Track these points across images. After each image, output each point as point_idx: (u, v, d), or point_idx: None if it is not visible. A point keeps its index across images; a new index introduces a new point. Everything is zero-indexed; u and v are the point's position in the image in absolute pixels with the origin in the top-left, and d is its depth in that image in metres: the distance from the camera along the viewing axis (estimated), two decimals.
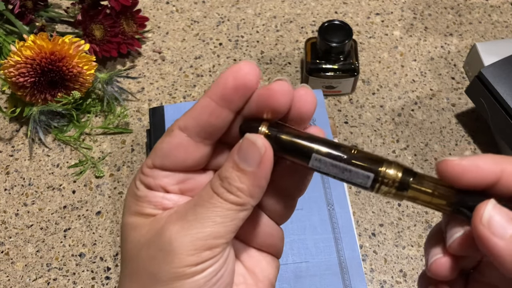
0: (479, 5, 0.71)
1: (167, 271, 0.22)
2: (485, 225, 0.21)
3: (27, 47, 0.52)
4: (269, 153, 0.23)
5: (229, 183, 0.22)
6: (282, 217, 0.27)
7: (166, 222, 0.23)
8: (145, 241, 0.23)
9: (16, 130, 0.59)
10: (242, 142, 0.23)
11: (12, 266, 0.50)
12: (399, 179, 0.23)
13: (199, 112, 0.23)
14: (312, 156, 0.23)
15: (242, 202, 0.23)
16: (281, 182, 0.26)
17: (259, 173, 0.23)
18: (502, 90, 0.53)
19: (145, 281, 0.23)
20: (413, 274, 0.50)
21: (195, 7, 0.71)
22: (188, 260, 0.22)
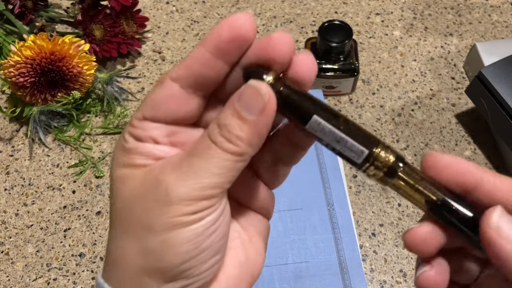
0: (479, 5, 0.71)
1: (163, 221, 0.21)
2: (493, 229, 0.21)
3: (27, 47, 0.52)
4: (272, 102, 0.22)
5: (229, 131, 0.21)
6: (274, 182, 0.27)
7: (160, 172, 0.22)
8: (138, 194, 0.23)
9: (16, 130, 0.59)
10: (245, 88, 0.22)
11: (12, 266, 0.50)
12: (389, 164, 0.22)
13: (193, 62, 0.22)
14: (312, 117, 0.22)
15: (241, 152, 0.22)
16: (277, 151, 0.26)
17: (260, 121, 0.21)
18: (502, 90, 0.53)
19: (139, 234, 0.22)
20: (413, 274, 0.50)
21: (195, 7, 0.71)
22: (186, 210, 0.21)
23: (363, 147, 0.22)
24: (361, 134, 0.23)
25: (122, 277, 0.23)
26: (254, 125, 0.21)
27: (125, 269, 0.23)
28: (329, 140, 0.22)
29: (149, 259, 0.22)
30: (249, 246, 0.26)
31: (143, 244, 0.22)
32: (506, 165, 0.57)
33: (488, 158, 0.58)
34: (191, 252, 0.21)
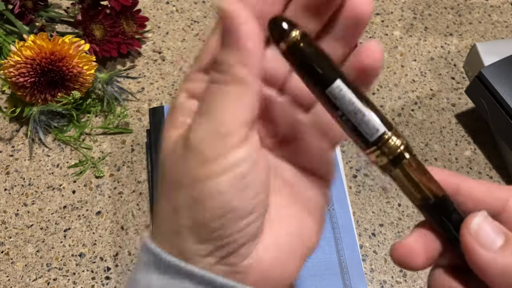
0: (479, 5, 0.71)
1: (188, 173, 0.21)
2: (472, 235, 0.20)
3: (27, 47, 0.52)
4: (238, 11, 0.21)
5: (221, 64, 0.21)
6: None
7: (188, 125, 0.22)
8: (169, 151, 0.23)
9: (16, 130, 0.59)
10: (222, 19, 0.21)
11: (12, 266, 0.50)
12: (397, 152, 0.21)
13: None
14: (336, 81, 0.21)
15: (237, 78, 0.21)
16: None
17: (237, 36, 0.21)
18: (502, 90, 0.53)
19: (171, 191, 0.22)
20: (413, 274, 0.50)
21: (195, 7, 0.71)
22: (206, 158, 0.20)
23: (379, 125, 0.21)
24: (378, 112, 0.22)
25: (160, 237, 0.23)
26: (235, 43, 0.21)
27: (162, 229, 0.23)
28: (346, 110, 0.21)
29: (179, 218, 0.21)
30: (305, 218, 0.24)
31: (173, 202, 0.22)
32: (506, 165, 0.57)
33: (488, 158, 0.58)
34: (219, 209, 0.21)
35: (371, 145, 0.21)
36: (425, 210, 0.22)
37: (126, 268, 0.50)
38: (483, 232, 0.20)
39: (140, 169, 0.56)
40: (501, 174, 0.57)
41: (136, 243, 0.52)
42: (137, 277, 0.23)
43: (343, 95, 0.21)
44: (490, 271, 0.20)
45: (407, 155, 0.22)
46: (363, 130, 0.21)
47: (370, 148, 0.22)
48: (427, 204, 0.22)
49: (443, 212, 0.22)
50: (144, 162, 0.56)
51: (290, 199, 0.24)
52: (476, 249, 0.20)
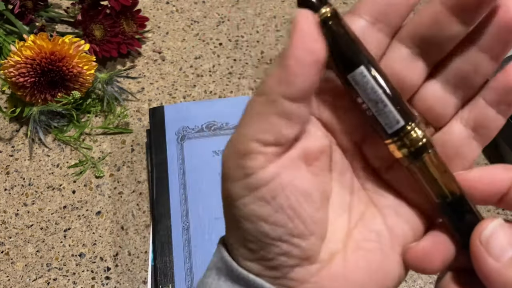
0: None
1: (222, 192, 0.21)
2: (482, 243, 0.20)
3: (27, 47, 0.52)
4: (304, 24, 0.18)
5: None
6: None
7: None
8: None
9: (16, 130, 0.59)
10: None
11: (12, 266, 0.50)
12: (419, 145, 0.21)
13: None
14: (359, 67, 0.20)
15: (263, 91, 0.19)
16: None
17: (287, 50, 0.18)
18: None
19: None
20: (413, 274, 0.50)
21: (195, 7, 0.71)
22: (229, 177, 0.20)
23: (400, 117, 0.20)
24: (403, 103, 0.21)
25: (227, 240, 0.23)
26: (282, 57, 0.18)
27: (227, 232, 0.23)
28: (367, 98, 0.20)
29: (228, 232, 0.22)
30: (389, 256, 0.22)
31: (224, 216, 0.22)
32: None
33: (488, 158, 0.58)
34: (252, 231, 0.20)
35: (392, 136, 0.21)
36: (441, 209, 0.22)
37: (126, 268, 0.50)
38: (494, 240, 0.19)
39: (140, 169, 0.56)
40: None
41: (136, 243, 0.52)
42: (208, 281, 0.23)
43: (366, 82, 0.20)
44: (495, 281, 0.19)
45: (429, 149, 0.21)
46: (383, 121, 0.20)
47: (391, 138, 0.21)
48: (443, 202, 0.21)
49: (458, 212, 0.21)
50: (144, 162, 0.57)
51: (378, 231, 0.22)
52: (484, 257, 0.19)
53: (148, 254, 0.51)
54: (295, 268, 0.21)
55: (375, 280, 0.22)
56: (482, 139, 0.22)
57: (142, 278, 0.50)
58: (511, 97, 0.21)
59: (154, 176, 0.52)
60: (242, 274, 0.21)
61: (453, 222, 0.22)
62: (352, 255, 0.22)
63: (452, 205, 0.21)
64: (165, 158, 0.52)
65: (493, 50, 0.20)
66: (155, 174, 0.52)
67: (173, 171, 0.52)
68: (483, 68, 0.21)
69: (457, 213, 0.21)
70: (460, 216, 0.21)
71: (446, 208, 0.21)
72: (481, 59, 0.21)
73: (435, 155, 0.21)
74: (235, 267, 0.21)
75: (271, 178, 0.20)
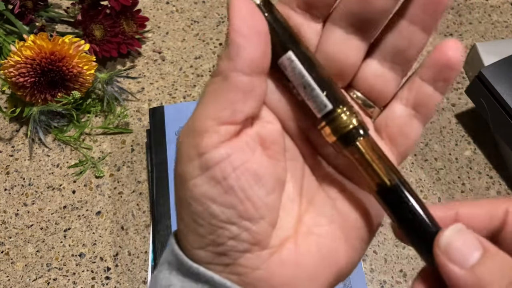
0: (479, 5, 0.71)
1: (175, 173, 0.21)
2: (442, 250, 0.19)
3: (27, 47, 0.52)
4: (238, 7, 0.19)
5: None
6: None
7: None
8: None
9: (16, 130, 0.59)
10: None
11: (12, 266, 0.50)
12: (347, 129, 0.20)
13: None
14: (288, 52, 0.20)
15: (218, 70, 0.20)
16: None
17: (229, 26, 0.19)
18: (502, 90, 0.53)
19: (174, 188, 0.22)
20: (413, 274, 0.50)
21: (195, 7, 0.71)
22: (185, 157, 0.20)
23: (327, 101, 0.20)
24: (331, 88, 0.21)
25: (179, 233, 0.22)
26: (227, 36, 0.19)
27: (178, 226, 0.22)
28: (296, 83, 0.21)
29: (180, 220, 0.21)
30: (341, 242, 0.22)
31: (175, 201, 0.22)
32: (506, 165, 0.57)
33: (488, 158, 0.58)
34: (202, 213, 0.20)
35: (322, 120, 0.21)
36: (382, 197, 0.21)
37: (126, 268, 0.50)
38: (454, 247, 0.19)
39: (140, 169, 0.56)
40: (501, 174, 0.57)
41: (136, 243, 0.52)
42: (160, 276, 0.22)
43: (294, 66, 0.20)
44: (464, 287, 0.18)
45: (361, 132, 0.21)
46: (311, 105, 0.21)
47: (321, 123, 0.21)
48: (381, 190, 0.21)
49: (397, 200, 0.20)
50: (144, 162, 0.56)
51: (329, 217, 0.22)
52: (447, 265, 0.19)
53: (148, 254, 0.51)
54: (245, 254, 0.21)
55: (327, 265, 0.22)
56: (423, 118, 0.23)
57: (142, 278, 0.50)
58: (447, 74, 0.22)
59: (154, 176, 0.52)
60: (193, 268, 0.21)
61: (392, 211, 0.21)
62: (303, 241, 0.21)
63: (390, 193, 0.20)
64: (165, 158, 0.53)
65: (424, 22, 0.21)
66: (155, 174, 0.52)
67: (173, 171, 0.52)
68: (416, 41, 0.22)
69: (396, 202, 0.20)
70: (399, 205, 0.20)
71: (384, 196, 0.21)
72: (413, 31, 0.21)
73: (369, 139, 0.21)
74: (185, 260, 0.21)
75: (222, 158, 0.20)
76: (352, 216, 0.22)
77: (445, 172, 0.57)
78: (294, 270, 0.21)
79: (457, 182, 0.56)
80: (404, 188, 0.20)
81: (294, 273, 0.21)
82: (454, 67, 0.22)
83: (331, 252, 0.22)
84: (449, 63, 0.21)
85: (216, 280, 0.21)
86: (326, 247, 0.22)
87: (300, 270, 0.21)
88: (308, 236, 0.22)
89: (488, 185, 0.56)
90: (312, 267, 0.21)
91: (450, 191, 0.55)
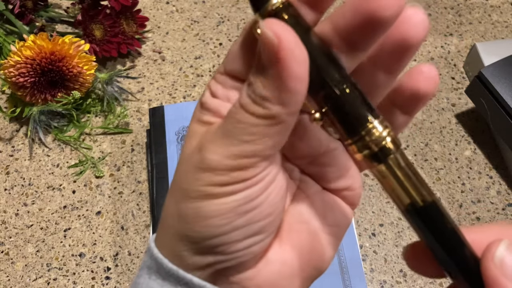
0: (479, 5, 0.71)
1: (196, 188, 0.20)
2: (497, 265, 0.19)
3: (27, 47, 0.52)
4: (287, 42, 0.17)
5: (253, 91, 0.18)
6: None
7: (204, 135, 0.20)
8: (187, 155, 0.21)
9: (16, 130, 0.59)
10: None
11: (12, 266, 0.50)
12: (382, 145, 0.19)
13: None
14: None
15: (270, 115, 0.18)
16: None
17: (281, 73, 0.17)
18: (502, 90, 0.53)
19: (178, 196, 0.21)
20: (413, 274, 0.50)
21: (195, 7, 0.71)
22: (216, 179, 0.19)
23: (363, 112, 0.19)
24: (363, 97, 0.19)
25: (163, 238, 0.22)
26: (275, 80, 0.17)
27: (166, 231, 0.22)
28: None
29: (182, 225, 0.20)
30: (318, 237, 0.23)
31: (178, 208, 0.21)
32: (506, 165, 0.57)
33: (488, 158, 0.58)
34: (222, 227, 0.20)
35: (352, 135, 0.19)
36: (410, 217, 0.20)
37: (126, 268, 0.50)
38: (507, 262, 0.19)
39: (140, 169, 0.56)
40: (501, 174, 0.57)
41: (136, 243, 0.52)
42: (140, 281, 0.22)
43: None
44: None
45: (393, 149, 0.19)
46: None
47: (350, 139, 0.19)
48: (412, 210, 0.19)
49: (430, 220, 0.19)
50: (144, 162, 0.57)
51: (307, 215, 0.23)
52: (502, 281, 0.19)
53: None
54: (249, 261, 0.21)
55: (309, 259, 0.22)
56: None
57: None
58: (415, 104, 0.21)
59: (154, 176, 0.52)
60: (172, 270, 0.21)
61: (423, 232, 0.20)
62: (287, 237, 0.22)
63: (424, 214, 0.19)
64: (165, 158, 0.53)
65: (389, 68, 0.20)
66: (155, 174, 0.52)
67: (173, 171, 0.52)
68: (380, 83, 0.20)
69: (429, 223, 0.20)
70: (432, 225, 0.20)
71: (416, 217, 0.20)
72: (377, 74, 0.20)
73: (403, 157, 0.19)
74: (164, 262, 0.21)
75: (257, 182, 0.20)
76: (327, 214, 0.23)
77: (445, 172, 0.57)
78: (280, 267, 0.21)
79: (457, 182, 0.56)
80: (438, 210, 0.20)
81: (280, 270, 0.21)
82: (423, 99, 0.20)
83: (312, 245, 0.22)
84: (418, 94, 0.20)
85: (195, 283, 0.21)
86: (307, 240, 0.22)
87: (285, 267, 0.22)
88: (290, 233, 0.22)
89: (488, 185, 0.56)
90: (296, 260, 0.22)
91: (450, 191, 0.55)
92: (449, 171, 0.57)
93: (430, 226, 0.20)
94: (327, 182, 0.23)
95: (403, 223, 0.53)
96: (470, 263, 0.20)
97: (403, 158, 0.19)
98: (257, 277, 0.21)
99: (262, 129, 0.18)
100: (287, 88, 0.17)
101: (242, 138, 0.18)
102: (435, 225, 0.20)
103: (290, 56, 0.17)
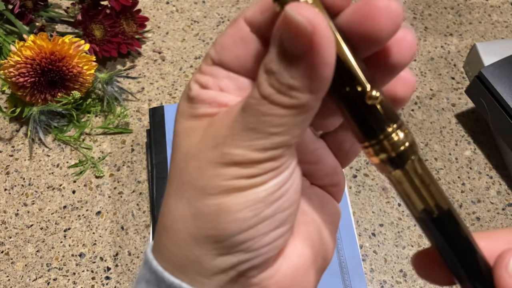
0: (479, 5, 0.71)
1: (218, 184, 0.18)
2: (511, 275, 0.19)
3: (27, 47, 0.52)
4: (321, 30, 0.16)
5: (278, 80, 0.17)
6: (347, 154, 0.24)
7: (218, 129, 0.19)
8: (196, 151, 0.19)
9: (16, 130, 0.59)
10: (281, 19, 0.16)
11: (12, 266, 0.50)
12: (400, 150, 0.18)
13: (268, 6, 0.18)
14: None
15: (299, 104, 0.17)
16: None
17: (313, 61, 0.16)
18: (502, 90, 0.53)
19: (192, 196, 0.19)
20: (413, 274, 0.50)
21: (195, 7, 0.71)
22: (244, 172, 0.18)
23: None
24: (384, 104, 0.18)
25: (172, 247, 0.20)
26: (307, 68, 0.16)
27: (175, 237, 0.20)
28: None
29: (201, 225, 0.19)
30: (322, 227, 0.23)
31: (195, 208, 0.19)
32: (506, 165, 0.57)
33: (488, 158, 0.58)
34: (250, 220, 0.19)
35: (369, 138, 0.18)
36: (424, 225, 0.20)
37: (126, 268, 0.50)
38: None
39: (140, 169, 0.56)
40: (501, 174, 0.57)
41: (136, 243, 0.52)
42: None
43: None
44: None
45: (412, 156, 0.18)
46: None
47: (368, 142, 0.18)
48: (427, 218, 0.19)
49: (445, 229, 0.19)
50: (144, 162, 0.57)
51: (307, 207, 0.23)
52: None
53: None
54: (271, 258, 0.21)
55: (319, 250, 0.22)
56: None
57: None
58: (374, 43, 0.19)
59: (154, 176, 0.52)
60: (174, 284, 0.20)
61: (437, 239, 0.20)
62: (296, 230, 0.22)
63: (438, 222, 0.19)
64: (165, 158, 0.53)
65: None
66: (155, 174, 0.52)
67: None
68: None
69: (444, 231, 0.19)
70: (447, 234, 0.19)
71: (431, 225, 0.19)
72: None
73: (421, 163, 0.19)
74: (166, 276, 0.20)
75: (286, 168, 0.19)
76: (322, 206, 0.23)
77: (445, 172, 0.57)
78: (297, 261, 0.21)
79: (457, 182, 0.56)
80: (453, 218, 0.19)
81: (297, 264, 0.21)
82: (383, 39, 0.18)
83: (320, 235, 0.22)
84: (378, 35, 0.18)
85: None
86: (315, 231, 0.22)
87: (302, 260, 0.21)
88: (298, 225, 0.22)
89: (488, 185, 0.56)
90: (310, 254, 0.22)
91: (450, 191, 0.55)
92: (449, 171, 0.57)
93: (445, 234, 0.19)
94: (315, 179, 0.23)
95: (403, 223, 0.53)
96: (483, 271, 0.20)
97: (421, 165, 0.19)
98: (277, 275, 0.20)
99: (290, 119, 0.17)
100: (319, 76, 0.17)
101: (269, 130, 0.18)
102: (450, 234, 0.19)
103: (325, 44, 0.16)
